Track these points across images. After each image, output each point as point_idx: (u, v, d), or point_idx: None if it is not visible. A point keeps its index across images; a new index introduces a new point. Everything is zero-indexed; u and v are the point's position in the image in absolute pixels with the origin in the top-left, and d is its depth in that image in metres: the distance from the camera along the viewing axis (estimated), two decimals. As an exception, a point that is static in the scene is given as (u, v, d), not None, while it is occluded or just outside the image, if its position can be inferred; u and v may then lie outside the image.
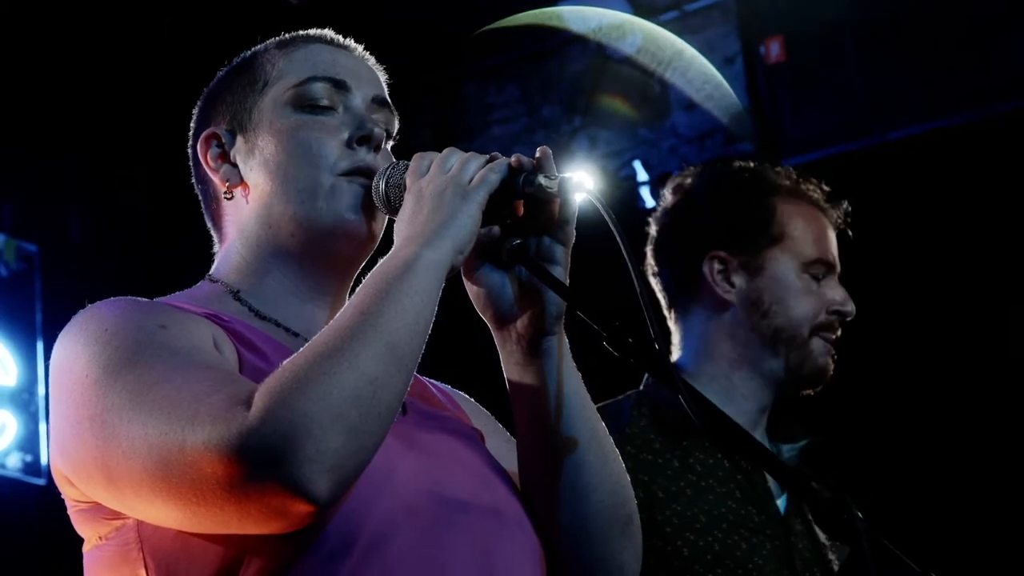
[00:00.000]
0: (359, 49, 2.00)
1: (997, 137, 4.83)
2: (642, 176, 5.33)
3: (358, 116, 1.91)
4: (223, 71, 2.01)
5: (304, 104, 1.90)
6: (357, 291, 1.66)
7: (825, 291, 2.84)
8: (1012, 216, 4.85)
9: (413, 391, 1.79)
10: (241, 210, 1.91)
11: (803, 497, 1.66)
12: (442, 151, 1.80)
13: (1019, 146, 4.80)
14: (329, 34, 1.99)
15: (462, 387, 2.07)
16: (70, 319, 1.75)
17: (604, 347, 1.72)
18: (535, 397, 1.81)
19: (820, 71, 5.07)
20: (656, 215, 2.98)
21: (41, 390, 5.18)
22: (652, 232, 2.97)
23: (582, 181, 1.76)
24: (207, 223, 2.00)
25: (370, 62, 2.00)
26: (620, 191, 5.29)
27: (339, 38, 2.00)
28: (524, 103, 5.57)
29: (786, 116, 5.14)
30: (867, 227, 3.03)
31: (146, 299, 1.78)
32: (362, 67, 1.98)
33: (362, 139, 1.88)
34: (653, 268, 2.96)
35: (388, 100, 1.98)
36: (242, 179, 1.91)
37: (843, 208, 2.95)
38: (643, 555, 2.61)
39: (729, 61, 5.18)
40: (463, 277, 1.82)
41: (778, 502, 2.75)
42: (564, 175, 1.76)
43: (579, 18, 5.20)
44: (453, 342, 2.71)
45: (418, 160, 1.80)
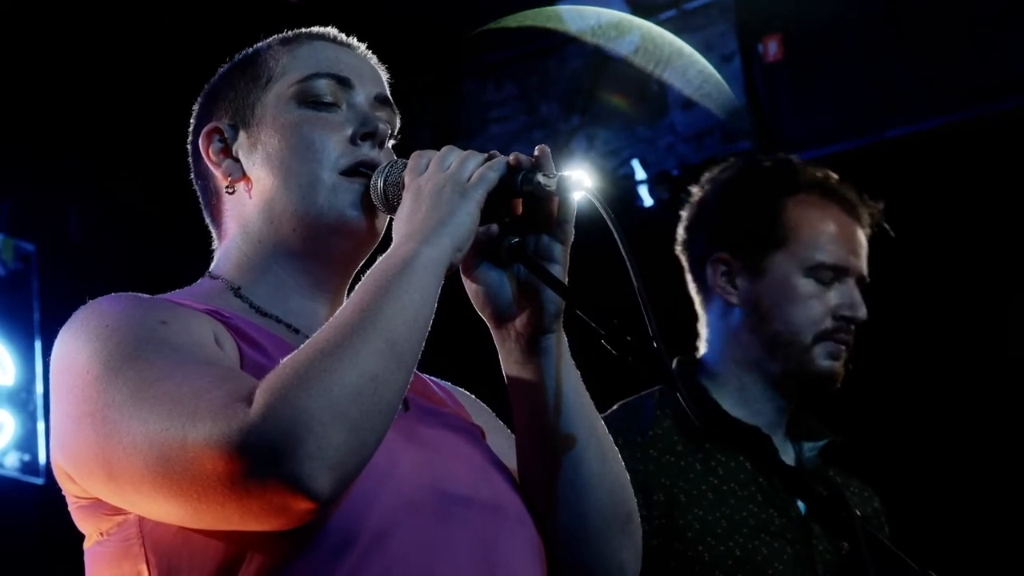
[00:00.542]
0: (362, 47, 2.01)
1: (996, 135, 4.82)
2: (640, 174, 5.33)
3: (361, 113, 1.91)
4: (225, 67, 2.01)
5: (308, 100, 1.90)
6: (357, 288, 1.66)
7: (831, 296, 2.81)
8: (1012, 214, 4.84)
9: (413, 388, 1.79)
10: (243, 205, 1.91)
11: (802, 496, 1.66)
12: (440, 149, 1.80)
13: (1018, 144, 4.79)
14: (333, 32, 2.00)
15: (462, 385, 2.07)
16: (69, 316, 1.75)
17: (602, 345, 1.72)
18: (534, 395, 1.82)
19: (818, 69, 5.06)
20: (685, 208, 2.98)
21: (39, 389, 5.18)
22: (679, 227, 2.98)
23: (580, 179, 1.76)
24: (206, 219, 2.00)
25: (372, 61, 2.01)
26: (618, 189, 5.29)
27: (342, 36, 2.00)
28: (523, 101, 5.57)
29: (784, 114, 5.13)
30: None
31: (147, 295, 1.78)
32: (365, 65, 1.98)
33: (366, 135, 1.89)
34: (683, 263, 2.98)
35: (390, 99, 1.99)
36: (244, 174, 1.91)
37: (878, 209, 2.92)
38: (665, 559, 2.63)
39: (727, 59, 5.18)
40: (462, 275, 1.82)
41: (799, 505, 2.74)
42: (563, 173, 1.76)
43: (578, 17, 5.20)
44: (452, 340, 2.71)
45: (416, 158, 1.81)
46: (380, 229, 1.89)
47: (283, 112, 1.90)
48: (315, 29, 2.00)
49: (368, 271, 1.69)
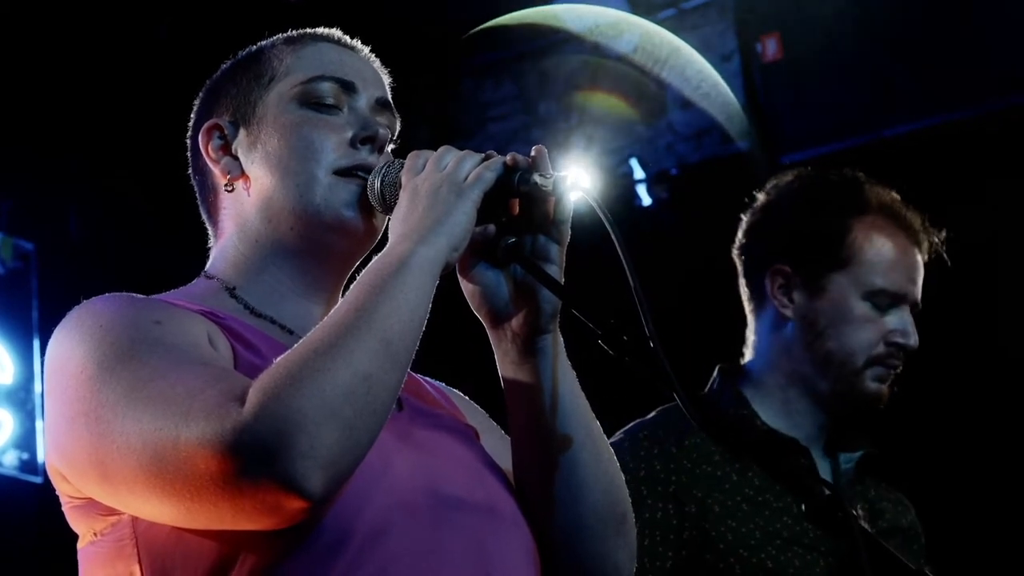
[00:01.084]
0: (365, 51, 2.01)
1: (994, 134, 4.83)
2: (638, 174, 5.33)
3: (362, 117, 1.91)
4: (228, 64, 2.01)
5: (310, 101, 1.90)
6: (351, 288, 1.66)
7: (886, 321, 2.81)
8: (1011, 213, 4.84)
9: (407, 388, 1.79)
10: (241, 203, 1.91)
11: (801, 497, 1.67)
12: (438, 149, 1.81)
13: (1016, 143, 4.79)
14: (337, 34, 2.00)
15: (457, 386, 2.07)
16: (65, 315, 1.74)
17: (599, 345, 1.72)
18: (530, 396, 1.81)
19: (816, 68, 5.07)
20: (747, 212, 2.97)
21: (38, 388, 5.18)
22: (739, 231, 2.96)
23: (578, 179, 1.76)
24: (202, 215, 1.99)
25: (376, 64, 2.01)
26: (616, 189, 5.29)
27: (347, 39, 2.00)
28: (521, 101, 5.57)
29: (783, 113, 5.14)
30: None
31: (142, 295, 1.78)
32: (368, 69, 1.98)
33: (365, 139, 1.88)
34: (737, 267, 2.97)
35: (391, 103, 1.99)
36: (243, 171, 1.91)
37: (940, 237, 2.92)
38: (695, 570, 2.62)
39: (726, 59, 5.18)
40: (458, 275, 1.82)
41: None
42: (559, 173, 1.76)
43: (576, 16, 5.20)
44: (448, 340, 2.71)
45: (414, 158, 1.81)
46: (377, 229, 1.89)
47: (284, 112, 1.90)
48: (320, 30, 2.00)
49: (363, 270, 1.69)
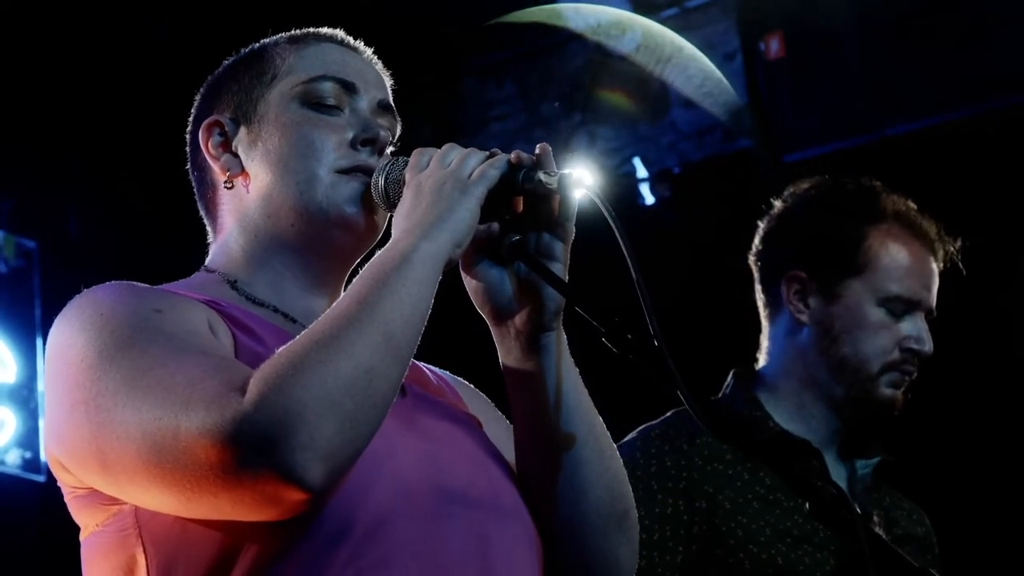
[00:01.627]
0: (368, 52, 2.01)
1: (997, 133, 4.82)
2: (641, 172, 5.33)
3: (363, 118, 1.91)
4: (230, 61, 2.01)
5: (311, 101, 1.90)
6: (354, 281, 1.66)
7: (901, 328, 2.83)
8: (1013, 212, 4.84)
9: (410, 376, 1.79)
10: (241, 200, 1.91)
11: (806, 495, 1.66)
12: (442, 147, 1.81)
13: (1019, 142, 4.79)
14: (340, 35, 2.00)
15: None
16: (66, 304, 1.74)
17: (603, 344, 1.72)
18: (533, 393, 1.82)
19: (820, 67, 5.06)
20: (764, 219, 2.99)
21: (40, 387, 5.18)
22: (755, 237, 2.99)
23: (581, 177, 1.76)
24: (200, 211, 2.00)
25: (378, 66, 2.01)
26: (619, 187, 5.29)
27: (350, 39, 2.00)
28: (523, 100, 5.57)
29: (785, 112, 5.13)
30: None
31: (143, 284, 1.78)
32: (370, 71, 1.98)
33: (366, 141, 1.89)
34: (753, 273, 2.99)
35: (393, 106, 1.99)
36: (243, 168, 1.91)
37: (955, 245, 2.94)
38: (705, 565, 2.64)
39: (729, 58, 5.18)
40: (462, 272, 1.82)
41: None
42: (564, 171, 1.76)
43: (579, 15, 5.20)
44: (451, 337, 2.71)
45: (418, 155, 1.81)
46: (380, 225, 1.89)
47: (285, 111, 1.90)
48: (323, 30, 2.00)
49: (367, 264, 1.69)
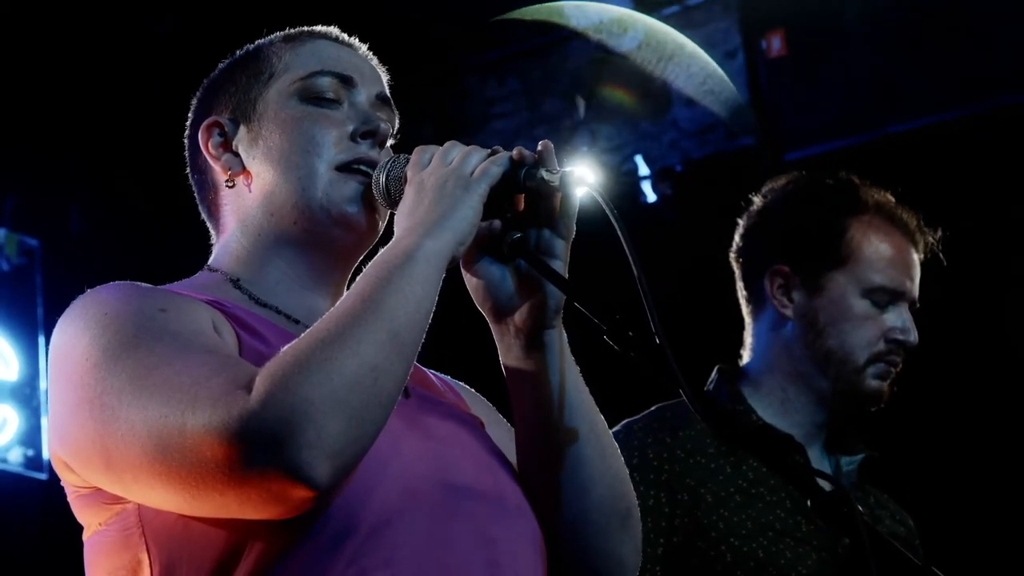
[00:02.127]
0: (363, 48, 2.02)
1: (999, 131, 4.82)
2: (643, 170, 5.33)
3: (363, 111, 1.92)
4: (226, 62, 2.02)
5: (310, 96, 1.91)
6: (358, 279, 1.66)
7: (886, 319, 2.84)
8: (1015, 211, 4.84)
9: (413, 378, 1.79)
10: (243, 199, 1.92)
11: (805, 493, 1.67)
12: (443, 145, 1.81)
13: (1021, 141, 4.79)
14: (335, 31, 2.01)
15: (460, 380, 2.07)
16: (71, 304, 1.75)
17: (604, 341, 1.72)
18: (534, 391, 1.82)
19: (821, 65, 5.06)
20: (742, 217, 3.00)
21: (43, 385, 5.18)
22: (735, 235, 3.00)
23: (583, 175, 1.76)
24: (202, 212, 2.00)
25: (373, 61, 2.02)
26: (621, 185, 5.29)
27: (344, 36, 2.01)
28: (525, 97, 5.56)
29: (787, 110, 5.13)
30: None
31: (146, 284, 1.78)
32: (366, 65, 1.99)
33: (366, 133, 1.89)
34: (734, 271, 3.00)
35: (390, 99, 1.99)
36: (244, 168, 1.91)
37: (936, 236, 2.95)
38: (687, 557, 2.65)
39: (730, 55, 5.18)
40: (462, 269, 1.83)
41: None
42: (565, 169, 1.76)
43: (581, 13, 5.20)
44: (452, 335, 2.71)
45: (419, 153, 1.81)
46: (381, 224, 1.90)
47: (285, 107, 1.91)
48: (318, 28, 2.01)
49: (370, 262, 1.69)
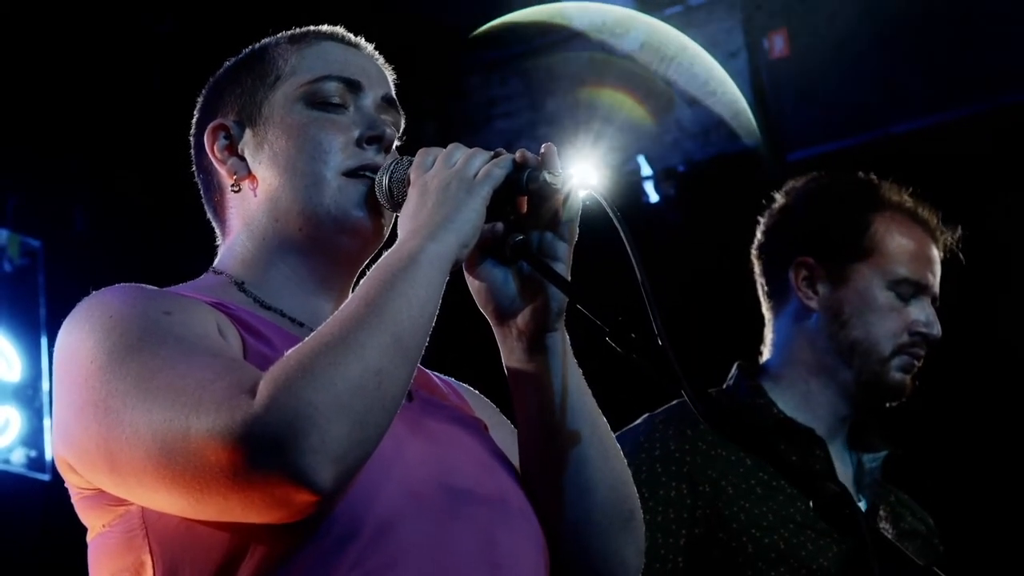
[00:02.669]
0: (369, 48, 2.01)
1: (1002, 130, 4.82)
2: (646, 171, 5.33)
3: (369, 116, 1.92)
4: (231, 63, 2.01)
5: (316, 101, 1.91)
6: (362, 283, 1.67)
7: (910, 311, 2.86)
8: (1017, 210, 4.83)
9: (417, 381, 1.80)
10: (248, 203, 1.91)
11: (809, 493, 1.67)
12: (446, 146, 1.81)
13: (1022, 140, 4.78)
14: (341, 32, 2.00)
15: (463, 382, 2.07)
16: (75, 307, 1.75)
17: (606, 343, 1.72)
18: (536, 393, 1.82)
19: (824, 65, 5.06)
20: (764, 215, 3.02)
21: (45, 386, 5.18)
22: (757, 232, 3.02)
23: (586, 177, 1.76)
24: (208, 213, 2.00)
25: (379, 62, 2.01)
26: (624, 186, 5.29)
27: (350, 36, 2.00)
28: (527, 98, 5.56)
29: (789, 110, 5.13)
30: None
31: (151, 286, 1.78)
32: (372, 67, 1.98)
33: (372, 139, 1.89)
34: (754, 268, 3.02)
35: (396, 100, 1.99)
36: (250, 172, 1.91)
37: (956, 233, 2.98)
38: (708, 548, 2.67)
39: (732, 55, 5.17)
40: (465, 272, 1.83)
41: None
42: (568, 171, 1.76)
43: (583, 13, 5.20)
44: (454, 337, 2.71)
45: (422, 155, 1.81)
46: (385, 227, 1.90)
47: (291, 112, 1.90)
48: (323, 28, 2.00)
49: (374, 266, 1.69)
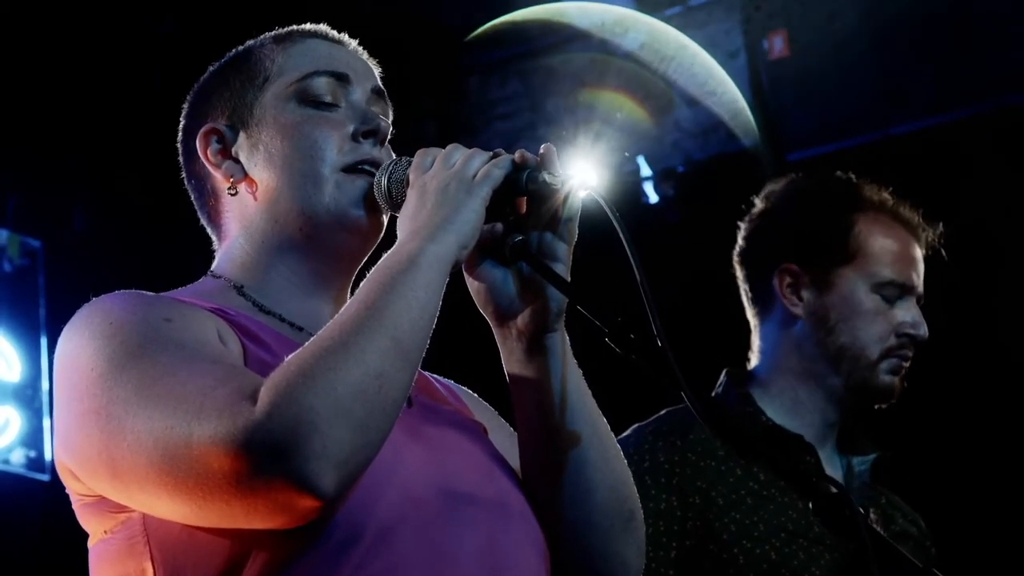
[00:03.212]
0: (353, 43, 2.01)
1: (1002, 131, 4.81)
2: (645, 171, 5.33)
3: (361, 110, 1.92)
4: (215, 66, 2.01)
5: (308, 98, 1.90)
6: (362, 286, 1.66)
7: (896, 313, 2.85)
8: (1017, 211, 4.83)
9: (417, 385, 1.79)
10: (246, 205, 1.91)
11: (807, 495, 1.67)
12: (445, 147, 1.81)
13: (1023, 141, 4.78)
14: (324, 29, 2.00)
15: (462, 384, 2.07)
16: (75, 313, 1.75)
17: (606, 344, 1.72)
18: (536, 394, 1.82)
19: (823, 65, 5.06)
20: (744, 220, 3.01)
21: (45, 386, 5.18)
22: (738, 238, 3.00)
23: (585, 177, 1.76)
24: (201, 218, 2.00)
25: (364, 55, 2.01)
26: (623, 186, 5.29)
27: (334, 33, 2.00)
28: (527, 98, 5.56)
29: (789, 111, 5.13)
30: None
31: (151, 293, 1.78)
32: (358, 61, 1.99)
33: (367, 133, 1.89)
34: (737, 274, 3.00)
35: (384, 91, 1.99)
36: (246, 174, 1.91)
37: (937, 232, 2.96)
38: (699, 560, 2.66)
39: (732, 56, 5.17)
40: (464, 273, 1.83)
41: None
42: (567, 171, 1.76)
43: (582, 13, 5.20)
44: (454, 338, 2.71)
45: (422, 156, 1.81)
46: (383, 225, 1.90)
47: (283, 112, 1.90)
48: (307, 26, 2.00)
49: (373, 268, 1.69)
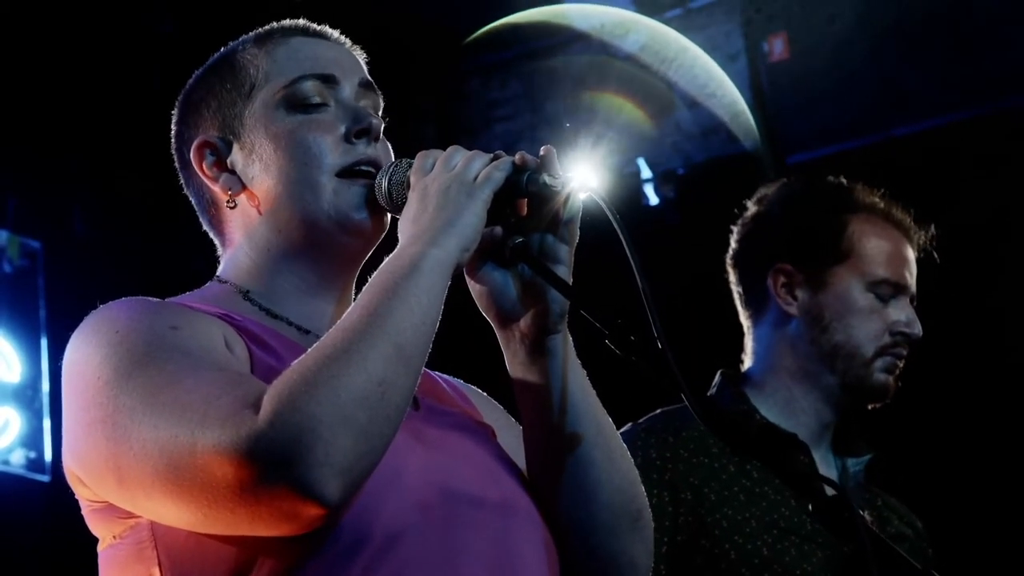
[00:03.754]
0: (336, 34, 1.99)
1: (1003, 133, 4.82)
2: (646, 173, 5.33)
3: (351, 109, 1.91)
4: (200, 73, 1.99)
5: (296, 104, 1.89)
6: (364, 291, 1.66)
7: (890, 312, 2.86)
8: (1018, 212, 4.83)
9: (423, 387, 1.79)
10: (247, 216, 1.91)
11: (807, 497, 1.67)
12: (446, 149, 1.81)
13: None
14: (304, 24, 1.98)
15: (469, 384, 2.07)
16: (76, 314, 1.75)
17: (606, 345, 1.72)
18: (540, 396, 1.82)
19: (823, 68, 5.06)
20: (737, 224, 3.02)
21: (45, 386, 5.18)
22: (731, 241, 3.02)
23: (586, 179, 1.76)
24: (205, 227, 1.99)
25: (348, 45, 1.99)
26: (623, 188, 5.29)
27: (315, 27, 1.98)
28: (527, 100, 5.56)
29: (789, 113, 5.12)
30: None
31: (157, 299, 1.78)
32: (343, 54, 1.97)
33: (360, 132, 1.88)
34: (730, 277, 3.01)
35: (372, 82, 1.97)
36: (244, 186, 1.90)
37: (929, 233, 2.97)
38: (691, 555, 2.66)
39: (732, 58, 5.17)
40: (466, 276, 1.82)
41: None
42: (568, 173, 1.76)
43: (583, 15, 5.20)
44: (456, 341, 2.71)
45: (422, 158, 1.81)
46: (386, 225, 1.89)
47: (273, 121, 1.89)
48: (287, 23, 1.97)
49: (375, 272, 1.69)
